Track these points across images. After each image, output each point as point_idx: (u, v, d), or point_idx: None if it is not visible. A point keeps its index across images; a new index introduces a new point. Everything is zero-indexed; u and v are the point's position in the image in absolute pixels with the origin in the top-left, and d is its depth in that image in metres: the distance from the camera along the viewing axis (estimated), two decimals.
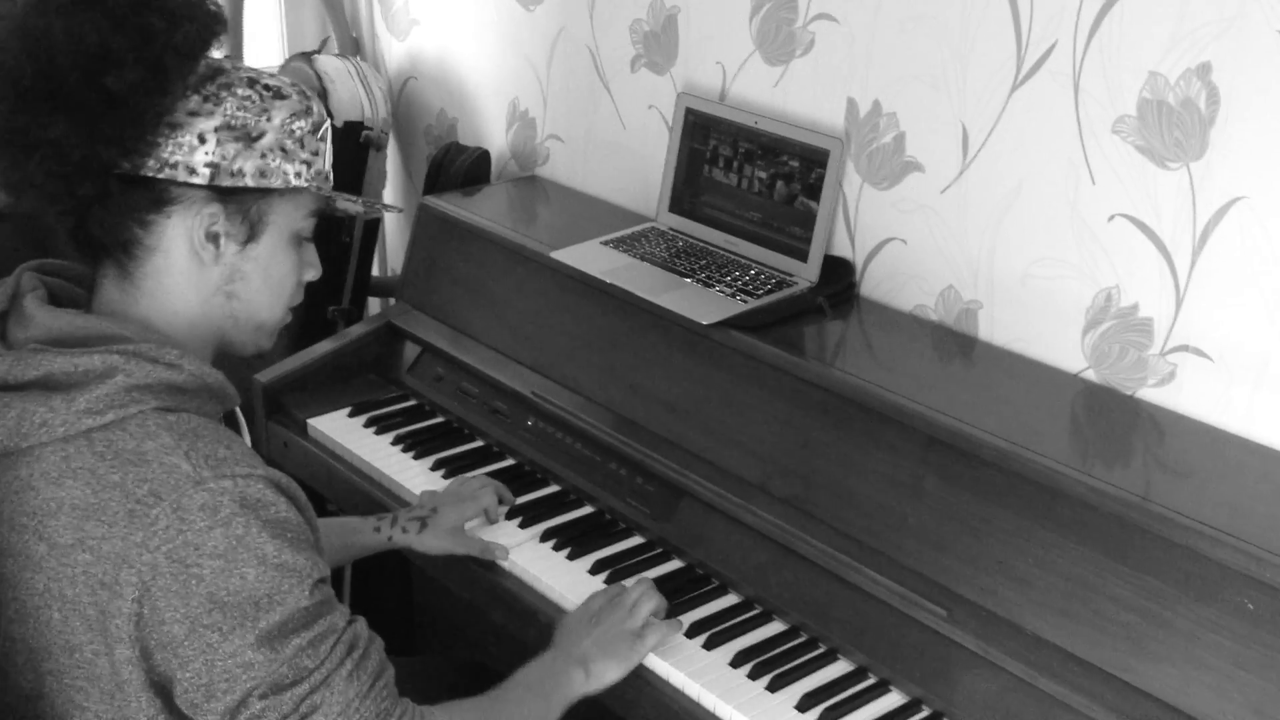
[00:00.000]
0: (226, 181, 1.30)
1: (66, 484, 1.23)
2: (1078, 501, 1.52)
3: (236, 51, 2.70)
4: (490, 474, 1.98)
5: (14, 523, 1.27)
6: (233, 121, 1.30)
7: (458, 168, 2.51)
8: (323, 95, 2.53)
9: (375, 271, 2.92)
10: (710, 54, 2.15)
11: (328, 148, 1.40)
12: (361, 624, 1.33)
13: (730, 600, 1.74)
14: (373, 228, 2.68)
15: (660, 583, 1.74)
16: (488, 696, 1.46)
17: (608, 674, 1.54)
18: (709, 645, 1.65)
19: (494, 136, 2.61)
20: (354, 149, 2.58)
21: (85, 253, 1.35)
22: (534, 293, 2.14)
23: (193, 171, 1.29)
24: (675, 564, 1.81)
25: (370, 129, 2.59)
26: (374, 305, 2.93)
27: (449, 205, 2.33)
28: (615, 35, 2.30)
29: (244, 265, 1.36)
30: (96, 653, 1.24)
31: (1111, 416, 1.74)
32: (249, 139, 1.31)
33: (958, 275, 1.90)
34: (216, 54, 1.33)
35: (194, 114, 1.28)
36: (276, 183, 1.33)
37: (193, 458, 1.22)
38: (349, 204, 1.48)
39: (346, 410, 2.17)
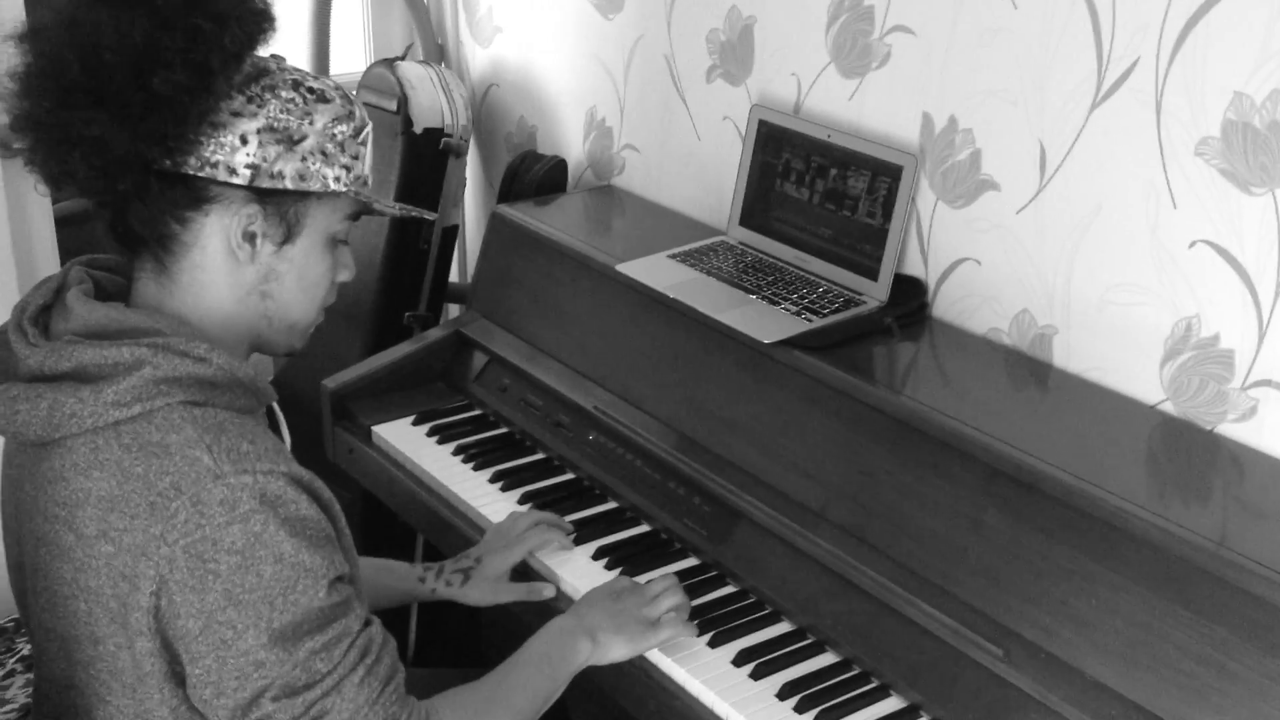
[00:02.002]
0: (266, 183, 1.31)
1: (93, 475, 1.24)
2: (1144, 542, 1.45)
3: (322, 56, 2.72)
4: (550, 488, 1.96)
5: (47, 512, 1.28)
6: (275, 124, 1.30)
7: (533, 176, 2.49)
8: (403, 102, 2.54)
9: (455, 278, 2.92)
10: (785, 65, 2.10)
11: (368, 152, 1.40)
12: (376, 627, 1.32)
13: (782, 628, 1.69)
14: (451, 234, 2.68)
15: (712, 607, 1.72)
16: (492, 677, 1.46)
17: (613, 649, 1.55)
18: (756, 675, 1.60)
19: (572, 145, 2.59)
20: (433, 156, 2.58)
21: (124, 245, 1.36)
22: (600, 305, 2.12)
23: (233, 172, 1.29)
24: (729, 588, 1.77)
25: (450, 136, 2.59)
26: (453, 312, 2.92)
27: (521, 214, 2.32)
28: (692, 45, 2.26)
29: (279, 266, 1.37)
30: (119, 645, 1.25)
31: (1188, 452, 1.66)
32: (290, 142, 1.31)
33: (1033, 299, 1.83)
34: (263, 52, 1.33)
35: (237, 114, 1.29)
36: (315, 186, 1.34)
37: (214, 452, 1.22)
38: (385, 208, 1.47)
39: (411, 418, 2.17)
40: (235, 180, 1.29)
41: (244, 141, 1.29)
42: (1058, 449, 1.60)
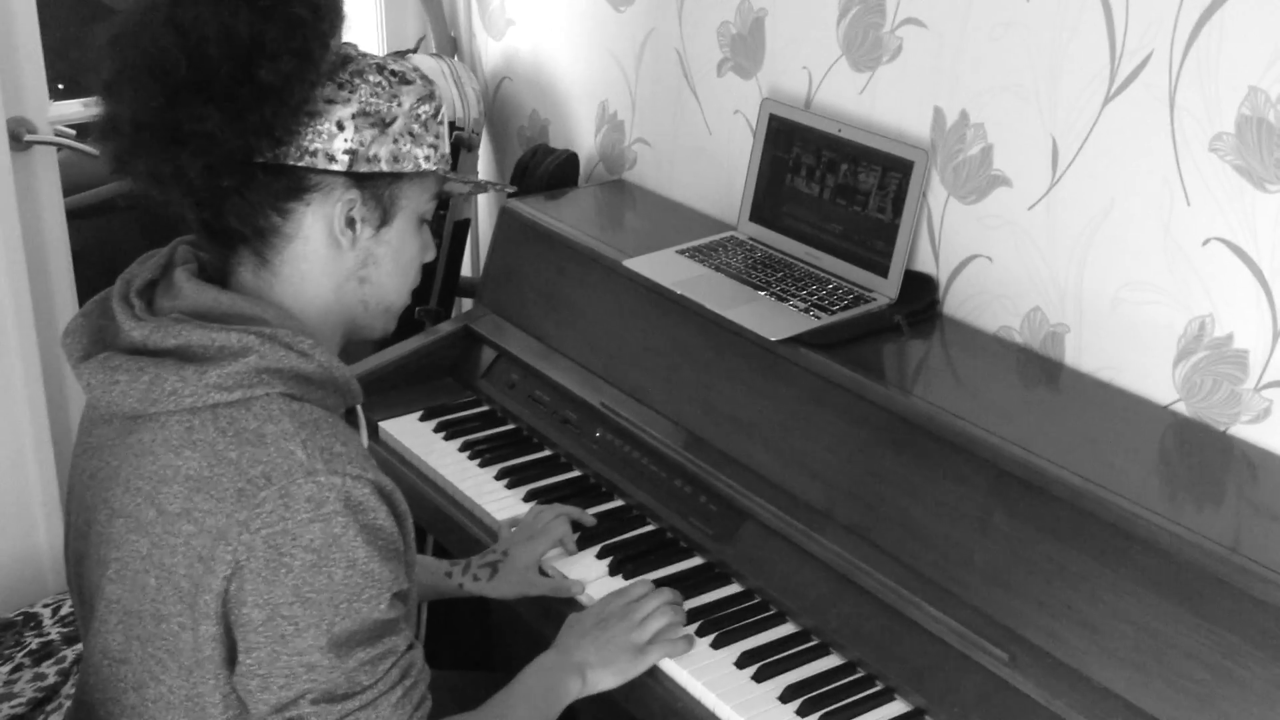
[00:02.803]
0: (364, 167, 1.31)
1: (185, 454, 1.24)
2: (1153, 546, 1.42)
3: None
4: (556, 485, 1.95)
5: (130, 485, 1.28)
6: (368, 108, 1.31)
7: (544, 170, 2.47)
8: None
9: (468, 272, 2.90)
10: (797, 59, 2.08)
11: (445, 130, 1.41)
12: (418, 652, 1.32)
13: (787, 630, 1.67)
14: (463, 228, 2.67)
15: (716, 607, 1.70)
16: (487, 708, 1.45)
17: (603, 683, 1.54)
18: (759, 677, 1.58)
19: (584, 139, 2.57)
20: None
21: (219, 242, 1.36)
22: (608, 301, 2.10)
23: (332, 159, 1.30)
24: (734, 588, 1.75)
25: (462, 129, 2.57)
26: (466, 306, 2.91)
27: (530, 208, 2.30)
28: (703, 38, 2.24)
29: (377, 249, 1.37)
30: (183, 625, 1.24)
31: (1201, 454, 1.63)
32: (383, 125, 1.32)
33: (1044, 297, 1.80)
34: (343, 45, 1.33)
35: (331, 101, 1.29)
36: (408, 167, 1.34)
37: (309, 448, 1.23)
38: (463, 185, 1.52)
39: (418, 414, 2.15)
40: (335, 167, 1.30)
41: (340, 128, 1.29)
42: (1068, 450, 1.58)
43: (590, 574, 1.76)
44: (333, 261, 1.36)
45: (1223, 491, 1.58)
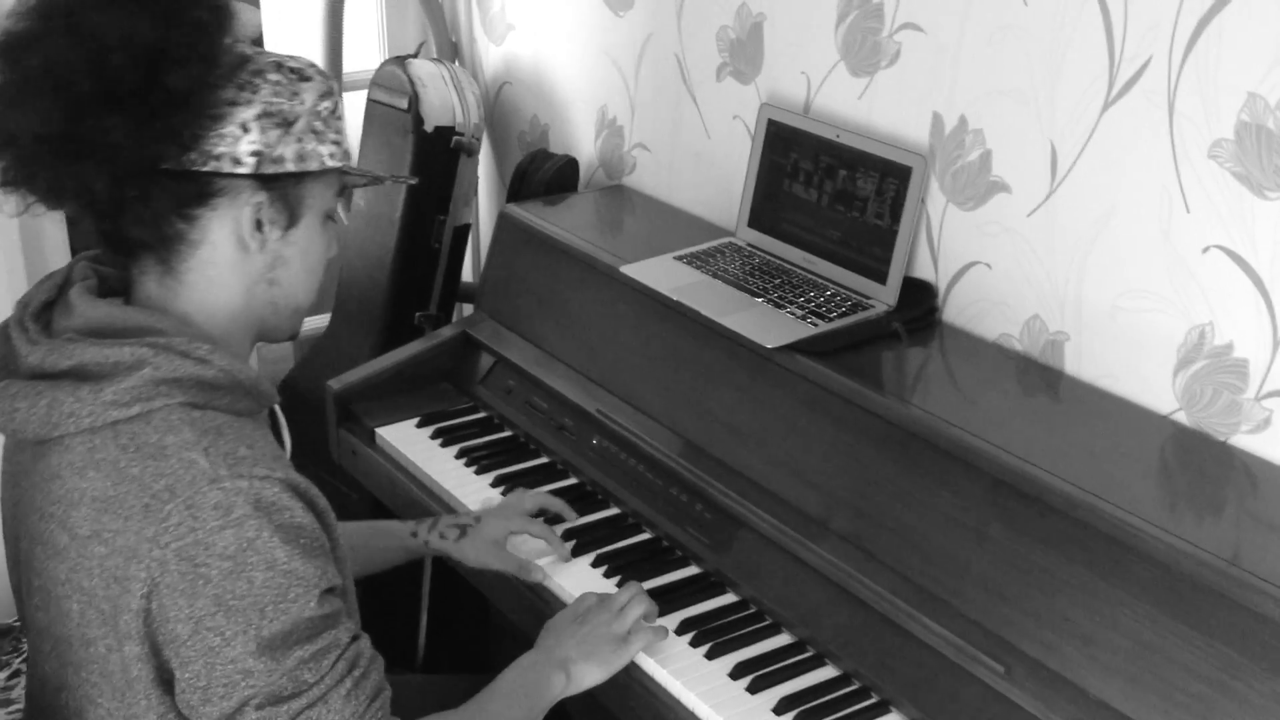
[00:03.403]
0: (270, 169, 1.29)
1: (89, 475, 1.23)
2: (1150, 558, 1.40)
3: (335, 54, 2.70)
4: (550, 493, 1.93)
5: (43, 511, 1.27)
6: (271, 108, 1.28)
7: (542, 175, 2.46)
8: (414, 100, 2.51)
9: (469, 277, 2.89)
10: (795, 64, 2.06)
11: (344, 123, 1.39)
12: (365, 641, 1.30)
13: (782, 640, 1.66)
14: (463, 233, 2.65)
15: (711, 617, 1.68)
16: (470, 707, 1.45)
17: (588, 677, 1.53)
18: (753, 689, 1.57)
19: (584, 144, 2.56)
20: (444, 154, 2.56)
21: (121, 252, 1.34)
22: (605, 307, 2.08)
23: (238, 162, 1.27)
24: (730, 597, 1.73)
25: (461, 134, 2.56)
26: (466, 311, 2.90)
27: (528, 214, 2.29)
28: (702, 42, 2.22)
29: (286, 251, 1.36)
30: (110, 648, 1.23)
31: (1200, 464, 1.61)
32: (286, 124, 1.30)
33: (1044, 304, 1.78)
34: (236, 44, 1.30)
35: (233, 103, 1.27)
36: (314, 165, 1.32)
37: (211, 455, 1.21)
38: (361, 176, 1.46)
39: (415, 420, 2.14)
40: (241, 170, 1.28)
41: (245, 130, 1.27)
42: (1066, 460, 1.56)
43: (583, 583, 1.75)
44: (241, 265, 1.33)
45: (1222, 502, 1.56)
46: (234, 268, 1.33)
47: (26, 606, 1.35)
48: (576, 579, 1.76)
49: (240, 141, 1.27)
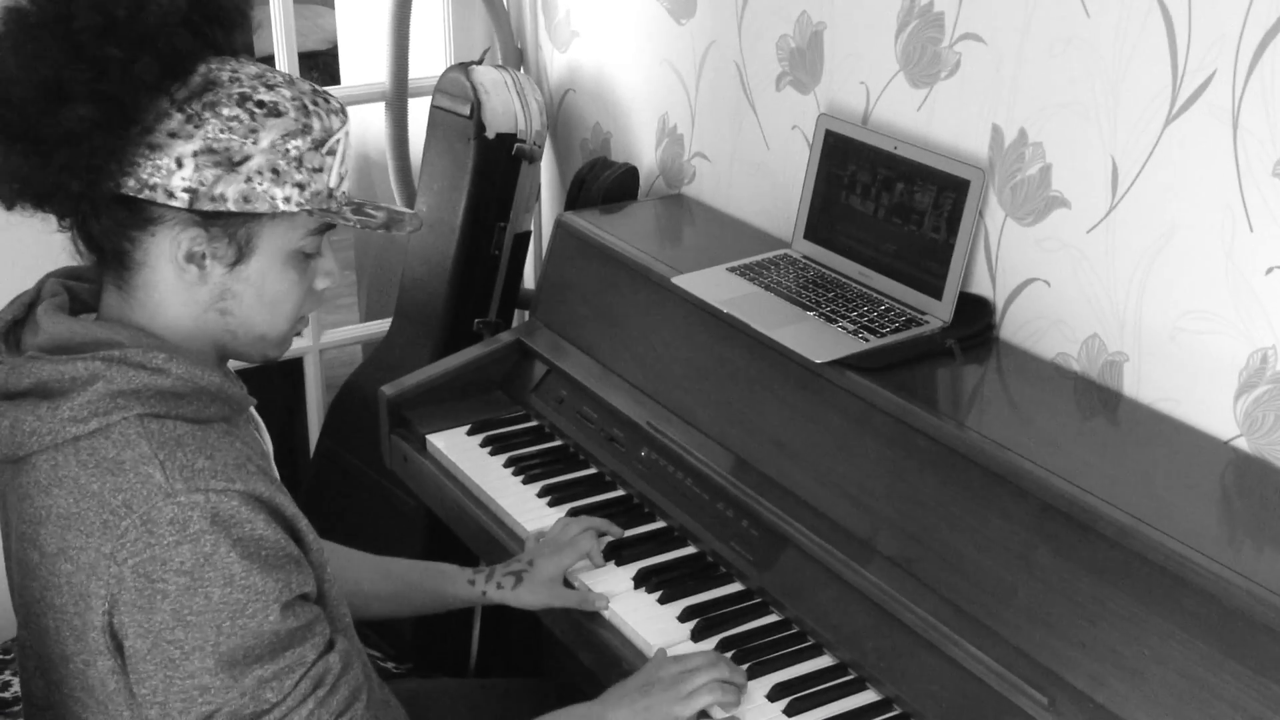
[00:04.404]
0: (207, 206, 1.23)
1: (54, 492, 1.23)
2: (1201, 590, 1.35)
3: (401, 60, 2.71)
4: (599, 504, 1.92)
5: (16, 530, 1.29)
6: (214, 145, 1.22)
7: (601, 184, 2.45)
8: (476, 106, 2.51)
9: (530, 284, 2.89)
10: (855, 73, 2.03)
11: (336, 161, 1.31)
12: (335, 655, 1.28)
13: (824, 662, 1.62)
14: (523, 240, 2.65)
15: (755, 635, 1.66)
16: None
17: None
18: (790, 711, 1.54)
19: (644, 152, 2.54)
20: (506, 161, 2.56)
21: (90, 254, 1.31)
22: (657, 318, 2.06)
23: (171, 195, 1.22)
24: (773, 617, 1.70)
25: (523, 141, 2.56)
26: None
27: (584, 222, 2.27)
28: (762, 51, 2.20)
29: (234, 285, 1.30)
30: (86, 663, 1.24)
31: (1261, 493, 1.55)
32: (230, 164, 1.23)
33: (1103, 324, 1.73)
34: (224, 64, 1.26)
35: (174, 135, 1.21)
36: (262, 208, 1.25)
37: (168, 468, 1.20)
38: (349, 221, 1.34)
39: (466, 427, 2.14)
40: (174, 203, 1.22)
41: (180, 164, 1.21)
42: (1120, 486, 1.51)
43: (628, 598, 1.73)
44: (184, 292, 1.29)
45: (1278, 535, 1.50)
46: (178, 293, 1.29)
47: (18, 625, 1.37)
48: (617, 591, 1.74)
49: (174, 176, 1.22)
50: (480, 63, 2.64)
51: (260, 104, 1.25)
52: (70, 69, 1.17)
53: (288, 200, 1.27)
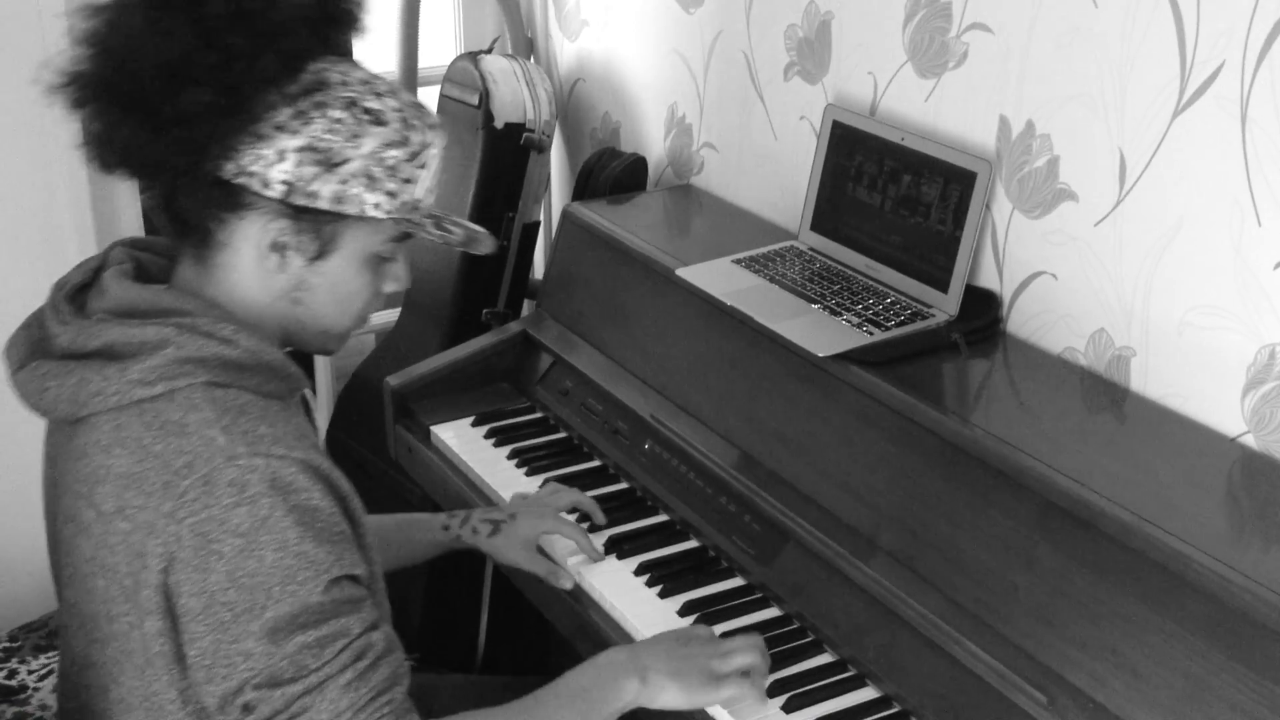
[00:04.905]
0: (300, 200, 1.28)
1: (115, 452, 1.24)
2: (1203, 590, 1.33)
3: (411, 49, 2.70)
4: (602, 497, 1.91)
5: (71, 489, 1.29)
6: (318, 144, 1.27)
7: (608, 174, 2.43)
8: (485, 96, 2.50)
9: (540, 274, 2.88)
10: (862, 63, 2.01)
11: (427, 173, 1.35)
12: (379, 634, 1.27)
13: (824, 659, 1.61)
14: (532, 231, 2.64)
15: (755, 630, 1.63)
16: (514, 706, 1.38)
17: (664, 694, 1.41)
18: (789, 708, 1.52)
19: (654, 142, 2.53)
20: (514, 151, 2.54)
21: (175, 232, 1.35)
22: (662, 310, 2.05)
23: (266, 184, 1.27)
24: (773, 611, 1.69)
25: (532, 131, 2.55)
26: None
27: (591, 213, 2.26)
28: (770, 41, 2.18)
29: (311, 278, 1.34)
30: (131, 624, 1.24)
31: (1268, 491, 1.53)
32: (329, 164, 1.27)
33: (1110, 318, 1.71)
34: (334, 67, 1.29)
35: (280, 128, 1.25)
36: (352, 210, 1.30)
37: (231, 432, 1.21)
38: (432, 235, 1.38)
39: (471, 419, 2.13)
40: (269, 193, 1.27)
41: (281, 157, 1.26)
42: (1125, 483, 1.49)
43: (625, 590, 1.72)
44: (263, 278, 1.33)
45: None
46: (256, 278, 1.33)
47: (60, 585, 1.37)
48: (618, 587, 1.73)
49: (273, 167, 1.26)
50: (490, 52, 2.62)
51: (366, 111, 1.29)
52: (198, 53, 1.20)
53: (377, 206, 1.31)
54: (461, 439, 2.09)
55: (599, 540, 1.80)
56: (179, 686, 1.24)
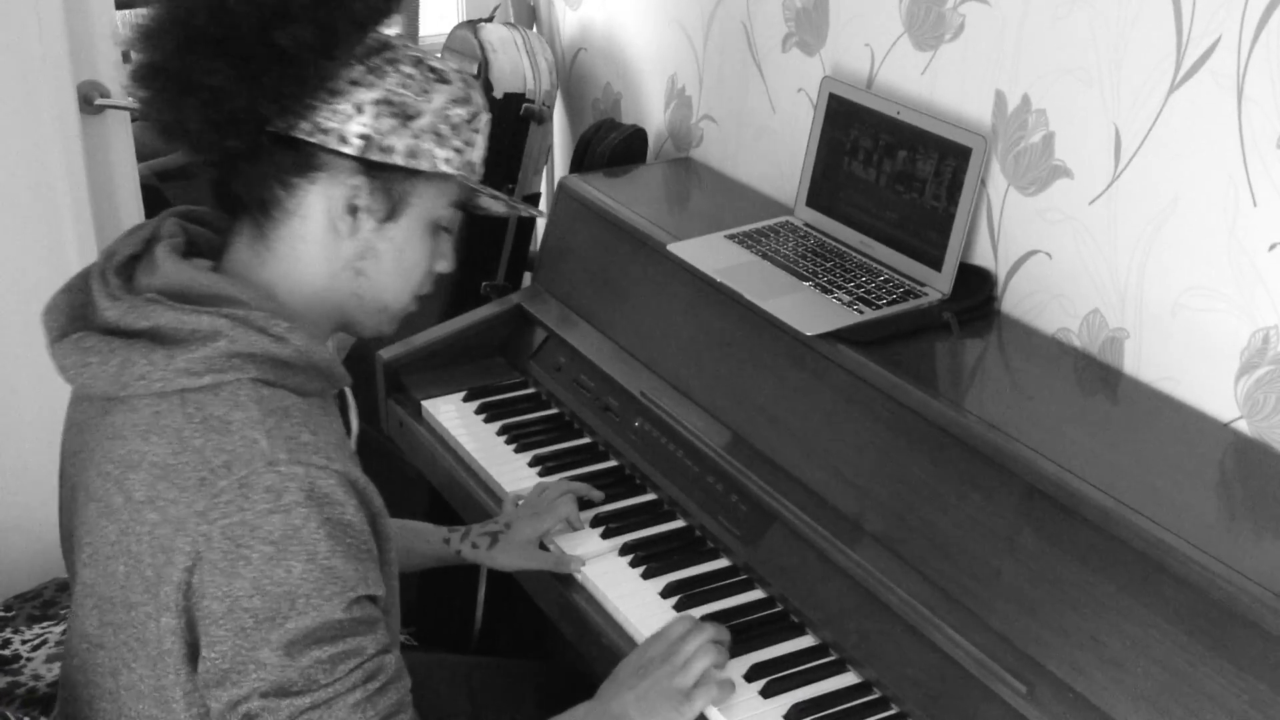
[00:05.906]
0: (376, 155, 1.27)
1: (152, 439, 1.22)
2: (1183, 580, 1.30)
3: (413, 16, 2.67)
4: (591, 474, 1.89)
5: (101, 468, 1.26)
6: (393, 97, 1.27)
7: (606, 146, 2.40)
8: (484, 65, 2.47)
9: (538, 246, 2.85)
10: (860, 35, 1.97)
11: (481, 139, 1.36)
12: (393, 658, 1.25)
13: (805, 642, 1.59)
14: (532, 202, 2.61)
15: (737, 613, 1.63)
16: None
17: None
18: (767, 693, 1.51)
19: (654, 114, 2.49)
20: (513, 121, 2.51)
21: (225, 207, 1.34)
22: (654, 285, 2.02)
23: (344, 140, 1.26)
24: (756, 594, 1.67)
25: (531, 101, 2.52)
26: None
27: (587, 186, 2.23)
28: (769, 11, 2.13)
29: (378, 244, 1.33)
30: (149, 615, 1.22)
31: (1260, 479, 1.49)
32: (405, 117, 1.28)
33: (1104, 298, 1.67)
34: (389, 31, 1.31)
35: (355, 83, 1.26)
36: (425, 165, 1.30)
37: (274, 436, 1.19)
38: (492, 201, 1.42)
39: (462, 394, 2.11)
40: (346, 149, 1.26)
41: (359, 110, 1.26)
42: (1114, 468, 1.46)
43: (615, 572, 1.70)
44: (330, 246, 1.31)
45: (1274, 522, 1.44)
46: (322, 246, 1.31)
47: (75, 561, 1.35)
48: (602, 569, 1.71)
49: (351, 121, 1.26)
50: (490, 20, 2.59)
51: (432, 69, 1.31)
52: None
53: (448, 162, 1.32)
54: (452, 414, 2.07)
55: (587, 518, 1.79)
56: (184, 687, 1.23)
